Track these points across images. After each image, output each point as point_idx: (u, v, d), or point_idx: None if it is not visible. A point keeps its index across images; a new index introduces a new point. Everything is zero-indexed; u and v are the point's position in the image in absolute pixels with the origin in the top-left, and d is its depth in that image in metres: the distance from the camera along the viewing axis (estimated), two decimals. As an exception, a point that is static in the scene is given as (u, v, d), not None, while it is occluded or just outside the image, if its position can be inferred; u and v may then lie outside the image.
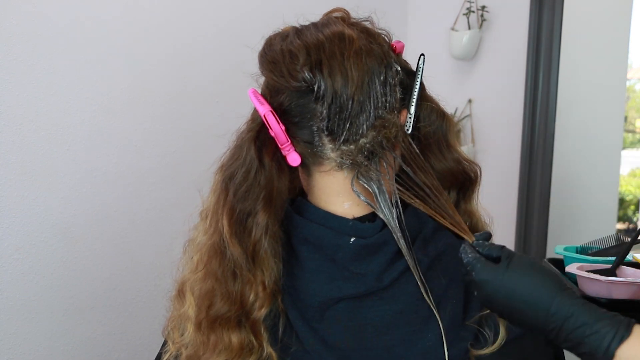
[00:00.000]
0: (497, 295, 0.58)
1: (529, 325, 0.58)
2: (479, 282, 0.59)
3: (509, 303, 0.58)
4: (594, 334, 0.54)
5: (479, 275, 0.59)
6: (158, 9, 1.65)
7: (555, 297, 0.56)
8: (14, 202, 1.46)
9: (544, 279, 0.58)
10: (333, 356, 0.64)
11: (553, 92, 1.69)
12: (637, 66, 2.24)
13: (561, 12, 1.66)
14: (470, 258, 0.61)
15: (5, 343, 1.48)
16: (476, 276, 0.60)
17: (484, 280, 0.59)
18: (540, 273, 0.58)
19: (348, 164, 0.65)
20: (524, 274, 0.58)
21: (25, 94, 1.46)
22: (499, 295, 0.58)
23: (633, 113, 2.55)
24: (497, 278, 0.58)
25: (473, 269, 0.60)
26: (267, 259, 0.65)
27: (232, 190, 0.64)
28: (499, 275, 0.58)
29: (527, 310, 0.57)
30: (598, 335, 0.54)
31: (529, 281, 0.58)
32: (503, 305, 0.58)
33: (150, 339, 1.65)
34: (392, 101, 0.66)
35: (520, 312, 0.57)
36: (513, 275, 0.58)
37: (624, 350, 0.53)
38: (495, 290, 0.58)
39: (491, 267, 0.60)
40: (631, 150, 2.54)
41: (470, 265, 0.61)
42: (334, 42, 0.63)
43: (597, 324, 0.54)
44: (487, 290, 0.59)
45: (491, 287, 0.59)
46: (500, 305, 0.59)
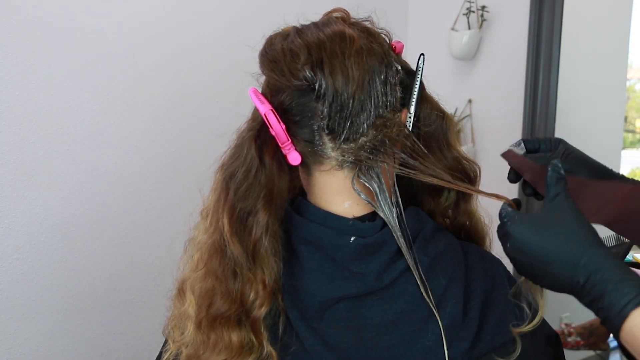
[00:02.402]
0: (530, 244, 0.58)
1: (554, 279, 0.57)
2: (512, 233, 0.59)
3: (540, 253, 0.57)
4: (615, 291, 0.52)
5: (514, 224, 0.59)
6: (158, 9, 1.65)
7: (589, 249, 0.55)
8: (14, 202, 1.46)
9: (580, 229, 0.57)
10: (333, 356, 0.64)
11: (553, 92, 1.69)
12: (637, 66, 2.24)
13: (561, 12, 1.66)
14: (510, 211, 0.61)
15: (5, 343, 1.48)
16: (511, 226, 0.59)
17: (518, 229, 0.59)
18: (576, 225, 0.58)
19: (348, 162, 0.65)
20: (562, 223, 0.58)
21: (25, 94, 1.46)
22: (531, 245, 0.58)
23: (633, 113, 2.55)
24: (532, 227, 0.58)
25: (509, 218, 0.60)
26: (267, 258, 0.65)
27: (232, 189, 0.64)
28: (535, 223, 0.58)
29: (557, 261, 0.56)
30: (618, 293, 0.52)
31: (565, 231, 0.57)
32: (533, 255, 0.57)
33: (150, 338, 1.66)
34: (392, 100, 0.66)
35: (550, 263, 0.56)
36: (549, 223, 0.58)
37: (638, 314, 0.51)
38: (528, 241, 0.58)
39: (528, 216, 0.60)
40: (631, 150, 2.54)
41: (507, 216, 0.61)
42: (334, 41, 0.64)
43: (621, 283, 0.53)
44: (520, 239, 0.58)
45: (525, 237, 0.58)
46: (531, 255, 0.58)
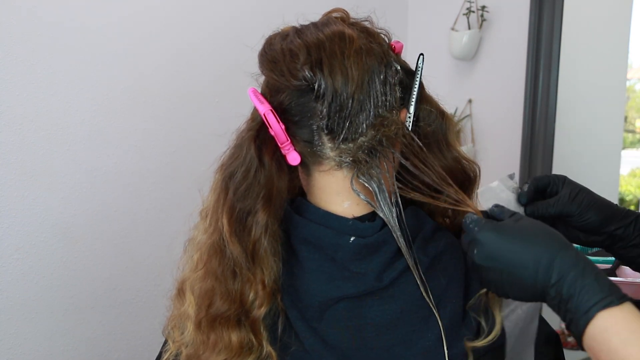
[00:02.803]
0: (500, 250, 0.57)
1: (523, 283, 0.56)
2: (481, 239, 0.58)
3: (511, 257, 0.56)
4: (583, 292, 0.52)
5: (483, 230, 0.58)
6: (158, 9, 1.65)
7: (561, 250, 0.55)
8: (14, 202, 1.46)
9: (550, 232, 0.57)
10: (333, 356, 0.64)
11: (553, 92, 1.69)
12: (637, 66, 2.24)
13: (561, 12, 1.66)
14: (475, 217, 0.60)
15: (5, 343, 1.48)
16: (479, 232, 0.59)
17: (487, 236, 0.58)
18: (545, 230, 0.57)
19: (347, 162, 0.65)
20: (530, 229, 0.57)
21: (25, 94, 1.46)
22: (502, 250, 0.57)
23: (633, 113, 2.55)
24: (501, 232, 0.58)
25: (477, 225, 0.59)
26: (266, 258, 0.65)
27: (232, 189, 0.64)
28: (504, 229, 0.58)
29: (529, 263, 0.55)
30: (586, 295, 0.52)
31: (536, 234, 0.57)
32: (504, 260, 0.57)
33: (150, 338, 1.66)
34: (391, 100, 0.66)
35: (521, 266, 0.55)
36: (518, 228, 0.58)
37: (604, 317, 0.50)
38: (497, 246, 0.57)
39: (496, 223, 0.59)
40: (631, 150, 2.54)
41: (474, 222, 0.60)
42: (334, 41, 0.64)
43: (591, 284, 0.52)
44: (490, 245, 0.58)
45: (494, 243, 0.57)
46: (501, 260, 0.57)
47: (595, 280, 0.53)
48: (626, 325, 0.50)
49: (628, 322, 0.50)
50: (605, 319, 0.51)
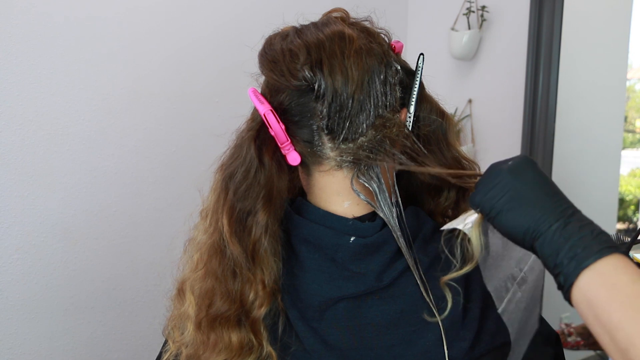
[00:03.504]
0: (527, 172, 0.56)
1: (527, 213, 0.54)
2: (518, 159, 0.57)
3: (533, 183, 0.55)
4: (583, 241, 0.51)
5: (523, 156, 0.58)
6: (158, 9, 1.65)
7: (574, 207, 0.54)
8: (14, 202, 1.46)
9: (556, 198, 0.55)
10: (333, 356, 0.64)
11: (553, 92, 1.69)
12: (637, 66, 2.24)
13: (561, 12, 1.66)
14: None
15: (5, 343, 1.48)
16: (522, 156, 0.58)
17: (524, 158, 0.57)
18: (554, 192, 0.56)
19: (348, 162, 0.65)
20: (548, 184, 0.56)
21: (25, 94, 1.46)
22: (529, 173, 0.56)
23: (633, 113, 2.55)
24: (537, 169, 0.57)
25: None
26: (266, 258, 0.65)
27: (232, 189, 0.64)
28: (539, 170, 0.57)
29: (545, 195, 0.54)
30: (589, 245, 0.50)
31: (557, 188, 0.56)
32: (525, 182, 0.55)
33: (150, 338, 1.66)
34: (392, 100, 0.66)
35: (536, 196, 0.54)
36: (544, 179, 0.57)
37: (584, 279, 0.49)
38: (529, 165, 0.56)
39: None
40: (631, 150, 2.54)
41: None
42: (334, 41, 0.63)
43: (594, 239, 0.51)
44: (520, 165, 0.57)
45: (527, 162, 0.57)
46: (522, 182, 0.56)
47: (600, 233, 0.52)
48: (632, 268, 0.49)
49: (632, 267, 0.49)
50: (609, 262, 0.49)
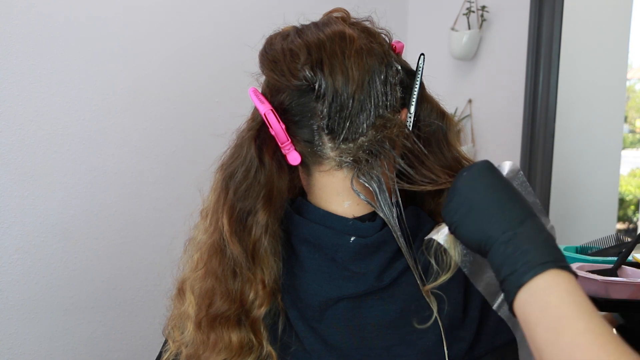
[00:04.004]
0: (485, 180, 0.57)
1: (484, 223, 0.54)
2: (477, 164, 0.58)
3: (490, 191, 0.56)
4: (536, 250, 0.50)
5: (480, 162, 0.59)
6: (158, 9, 1.65)
7: (532, 214, 0.54)
8: (14, 202, 1.46)
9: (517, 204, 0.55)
10: (333, 356, 0.64)
11: (553, 92, 1.69)
12: (637, 66, 2.25)
13: (561, 12, 1.66)
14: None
15: (5, 343, 1.48)
16: (477, 162, 0.59)
17: (483, 163, 0.58)
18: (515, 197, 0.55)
19: (348, 162, 0.65)
20: (511, 191, 0.56)
21: (25, 94, 1.46)
22: (486, 180, 0.56)
23: (633, 113, 2.55)
24: (494, 174, 0.57)
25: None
26: (267, 258, 0.65)
27: (232, 189, 0.64)
28: (497, 174, 0.57)
29: (502, 204, 0.54)
30: (539, 253, 0.50)
31: (517, 192, 0.56)
32: (483, 191, 0.56)
33: (150, 338, 1.66)
34: (392, 100, 0.66)
35: (495, 205, 0.54)
36: (505, 182, 0.57)
37: (543, 277, 0.48)
38: (487, 173, 0.57)
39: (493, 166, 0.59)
40: (631, 150, 2.54)
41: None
42: (334, 41, 0.64)
43: (546, 247, 0.50)
44: (479, 171, 0.58)
45: (486, 170, 0.58)
46: (481, 191, 0.56)
47: (549, 244, 0.51)
48: (564, 287, 0.49)
49: (566, 284, 0.49)
50: (544, 279, 0.49)
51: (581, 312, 0.47)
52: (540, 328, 0.47)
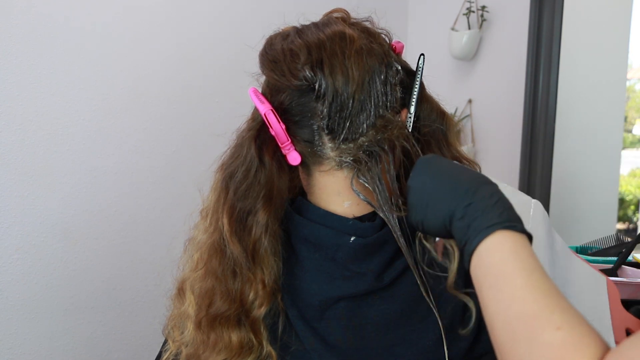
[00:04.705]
0: (439, 167, 0.57)
1: (444, 202, 0.55)
2: (427, 156, 0.60)
3: (447, 174, 0.56)
4: (487, 213, 0.50)
5: (427, 156, 0.60)
6: (158, 9, 1.65)
7: (489, 181, 0.54)
8: (14, 202, 1.46)
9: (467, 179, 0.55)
10: (333, 355, 0.64)
11: (553, 92, 1.69)
12: (637, 66, 2.24)
13: (561, 12, 1.66)
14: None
15: (5, 343, 1.48)
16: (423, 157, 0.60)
17: (429, 159, 0.60)
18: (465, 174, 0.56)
19: (348, 162, 0.65)
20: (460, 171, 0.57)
21: (25, 94, 1.46)
22: (441, 167, 0.57)
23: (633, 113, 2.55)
24: (439, 162, 0.58)
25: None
26: (267, 258, 0.65)
27: (232, 189, 0.64)
28: (441, 162, 0.58)
29: (459, 181, 0.55)
30: (489, 216, 0.50)
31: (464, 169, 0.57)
32: (439, 176, 0.56)
33: (150, 338, 1.66)
34: (392, 100, 0.66)
35: (450, 185, 0.55)
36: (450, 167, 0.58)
37: (491, 239, 0.49)
38: (440, 163, 0.58)
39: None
40: (631, 150, 2.54)
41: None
42: (335, 41, 0.64)
43: (490, 211, 0.50)
44: (431, 162, 0.59)
45: (437, 159, 0.59)
46: (436, 177, 0.57)
47: (495, 207, 0.51)
48: (508, 246, 0.49)
49: (510, 243, 0.49)
50: (490, 241, 0.49)
51: (521, 269, 0.47)
52: (485, 288, 0.48)
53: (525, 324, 0.44)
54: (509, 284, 0.47)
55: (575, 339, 0.41)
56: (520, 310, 0.45)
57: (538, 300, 0.45)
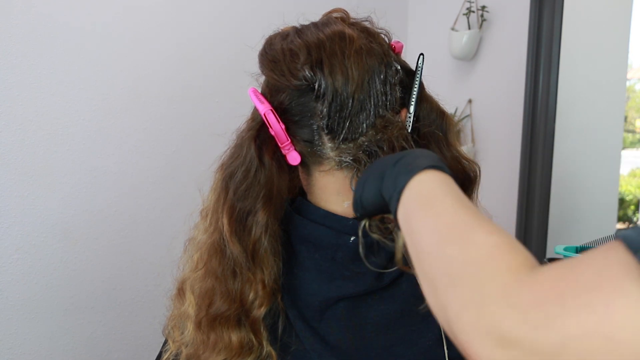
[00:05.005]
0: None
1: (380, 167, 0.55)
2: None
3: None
4: (418, 159, 0.50)
5: None
6: (158, 9, 1.65)
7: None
8: (14, 202, 1.46)
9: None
10: (333, 355, 0.64)
11: (553, 92, 1.69)
12: (637, 66, 2.24)
13: (561, 12, 1.66)
14: None
15: (5, 343, 1.48)
16: None
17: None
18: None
19: (348, 162, 0.65)
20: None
21: (25, 94, 1.46)
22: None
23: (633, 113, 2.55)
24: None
25: None
26: (267, 258, 0.65)
27: (232, 189, 0.64)
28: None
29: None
30: (420, 160, 0.50)
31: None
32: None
33: (150, 338, 1.66)
34: (392, 100, 0.66)
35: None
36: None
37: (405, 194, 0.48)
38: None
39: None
40: (631, 150, 2.54)
41: None
42: (334, 41, 0.64)
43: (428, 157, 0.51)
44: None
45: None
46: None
47: (422, 157, 0.51)
48: (439, 179, 0.49)
49: (441, 178, 0.49)
50: (420, 177, 0.49)
51: (452, 194, 0.47)
52: (413, 212, 0.47)
53: (457, 229, 0.43)
54: (440, 203, 0.46)
55: (508, 242, 0.41)
56: (451, 220, 0.44)
57: (470, 214, 0.44)
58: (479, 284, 0.38)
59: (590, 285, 0.33)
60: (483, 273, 0.39)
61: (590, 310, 0.32)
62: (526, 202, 1.74)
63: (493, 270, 0.38)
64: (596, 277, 0.33)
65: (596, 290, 0.33)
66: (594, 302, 0.32)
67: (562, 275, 0.35)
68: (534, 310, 0.34)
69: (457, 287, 0.40)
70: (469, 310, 0.38)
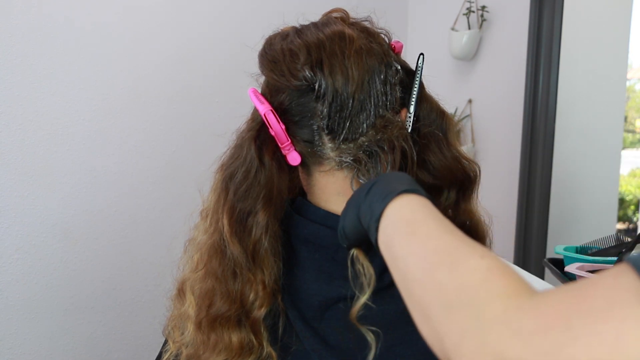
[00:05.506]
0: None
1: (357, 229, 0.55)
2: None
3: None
4: (392, 184, 0.50)
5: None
6: (158, 9, 1.65)
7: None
8: (14, 202, 1.46)
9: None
10: (333, 356, 0.64)
11: (553, 92, 1.69)
12: (637, 66, 2.24)
13: (561, 12, 1.66)
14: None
15: (5, 343, 1.48)
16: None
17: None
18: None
19: (348, 162, 0.65)
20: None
21: (25, 94, 1.46)
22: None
23: (633, 113, 2.55)
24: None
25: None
26: (267, 258, 0.64)
27: (232, 190, 0.64)
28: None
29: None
30: (391, 186, 0.49)
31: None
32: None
33: (150, 338, 1.66)
34: (392, 100, 0.66)
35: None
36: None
37: (383, 221, 0.47)
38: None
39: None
40: (631, 150, 2.54)
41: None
42: (334, 41, 0.64)
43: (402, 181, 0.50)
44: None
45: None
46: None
47: (396, 180, 0.51)
48: (417, 202, 0.48)
49: (419, 201, 0.48)
50: (398, 202, 0.48)
51: (433, 217, 0.46)
52: (396, 239, 0.47)
53: (447, 254, 0.41)
54: (423, 228, 0.45)
55: (501, 266, 0.39)
56: (438, 245, 0.43)
57: (456, 238, 0.43)
58: (477, 310, 0.36)
59: (599, 313, 0.31)
60: (480, 298, 0.37)
61: (600, 339, 0.30)
62: (526, 202, 1.74)
63: (490, 295, 0.37)
64: (605, 304, 0.32)
65: (606, 319, 0.31)
66: (604, 331, 0.30)
67: (567, 301, 0.33)
68: (539, 338, 0.32)
69: (452, 314, 0.38)
70: (469, 339, 0.36)
